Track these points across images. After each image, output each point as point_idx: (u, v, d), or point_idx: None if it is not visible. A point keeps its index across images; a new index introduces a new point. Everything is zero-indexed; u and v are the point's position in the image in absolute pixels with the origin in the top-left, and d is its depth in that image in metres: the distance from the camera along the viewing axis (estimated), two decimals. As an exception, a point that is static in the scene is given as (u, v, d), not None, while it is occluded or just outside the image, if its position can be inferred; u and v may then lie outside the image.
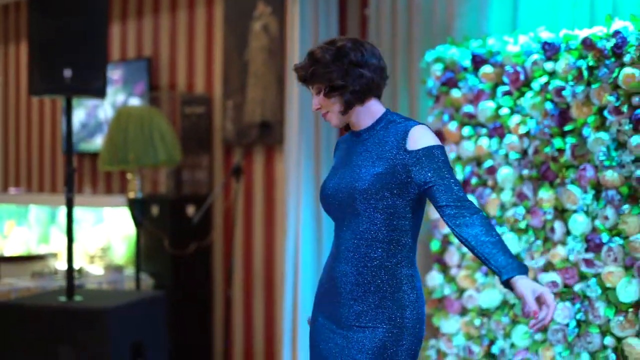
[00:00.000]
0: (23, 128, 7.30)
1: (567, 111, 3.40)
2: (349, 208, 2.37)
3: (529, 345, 3.53)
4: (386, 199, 2.33)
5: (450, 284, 3.83)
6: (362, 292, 2.37)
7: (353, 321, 2.38)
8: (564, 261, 3.40)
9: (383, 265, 2.36)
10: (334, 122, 2.43)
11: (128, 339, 4.22)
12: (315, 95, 2.41)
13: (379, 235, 2.35)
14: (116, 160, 4.76)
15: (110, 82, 6.02)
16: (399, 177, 2.33)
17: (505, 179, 3.61)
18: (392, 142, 2.36)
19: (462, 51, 3.80)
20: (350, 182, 2.38)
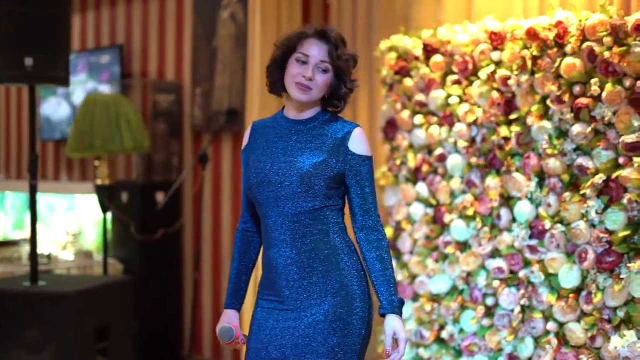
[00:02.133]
0: (2, 115, 7.36)
1: (512, 100, 3.46)
2: (285, 192, 2.42)
3: (477, 330, 3.60)
4: (323, 184, 2.41)
5: (402, 269, 3.90)
6: (307, 270, 2.42)
7: (303, 299, 2.42)
8: (509, 247, 3.47)
9: (322, 242, 2.42)
10: (305, 98, 2.43)
11: (92, 323, 4.28)
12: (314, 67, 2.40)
13: (314, 215, 2.42)
14: (82, 147, 4.81)
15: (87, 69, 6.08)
16: (335, 169, 2.43)
17: (454, 167, 3.68)
18: (334, 137, 2.45)
19: (415, 40, 3.85)
20: (290, 167, 2.43)
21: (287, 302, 2.44)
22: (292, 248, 2.43)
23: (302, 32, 2.45)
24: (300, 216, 2.41)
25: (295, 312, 2.43)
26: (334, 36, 2.44)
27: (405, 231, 3.89)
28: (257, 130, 2.59)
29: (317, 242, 2.42)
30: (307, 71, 2.40)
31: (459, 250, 3.66)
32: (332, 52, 2.42)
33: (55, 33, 4.15)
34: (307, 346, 2.39)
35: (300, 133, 2.48)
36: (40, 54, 4.10)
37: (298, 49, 2.43)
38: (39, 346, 4.17)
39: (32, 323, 4.16)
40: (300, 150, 2.46)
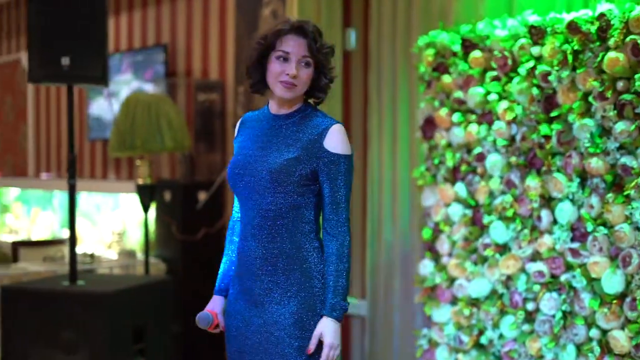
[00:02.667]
0: (53, 115, 7.45)
1: (553, 97, 3.32)
2: (256, 186, 2.43)
3: (517, 336, 3.47)
4: (295, 181, 2.41)
5: (441, 272, 3.78)
6: (271, 266, 2.43)
7: (264, 297, 2.44)
8: (550, 250, 3.33)
9: (288, 239, 2.43)
10: (290, 95, 2.42)
11: (129, 324, 4.27)
12: (297, 64, 2.39)
13: (283, 213, 2.42)
14: (124, 147, 4.81)
15: (132, 68, 6.09)
16: (309, 166, 2.41)
17: (493, 166, 3.55)
18: (310, 133, 2.43)
19: (453, 36, 3.73)
20: (262, 163, 2.44)
21: (253, 296, 2.46)
22: (259, 243, 2.44)
23: (279, 29, 2.41)
24: (269, 212, 2.42)
25: (260, 308, 2.45)
26: (311, 30, 2.42)
27: (443, 233, 3.78)
28: (245, 123, 2.61)
29: (283, 241, 2.43)
30: (290, 69, 2.38)
31: (498, 253, 3.53)
32: (312, 45, 2.40)
33: (92, 32, 4.14)
34: (272, 344, 2.42)
35: (280, 128, 2.47)
36: (77, 53, 4.10)
37: (277, 46, 2.40)
38: (75, 346, 4.17)
39: (68, 323, 4.17)
40: (276, 145, 2.45)
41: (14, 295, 4.31)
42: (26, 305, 4.26)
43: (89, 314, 4.14)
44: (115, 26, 6.60)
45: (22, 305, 4.27)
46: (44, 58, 4.10)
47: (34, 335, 4.23)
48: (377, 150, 4.47)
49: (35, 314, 4.23)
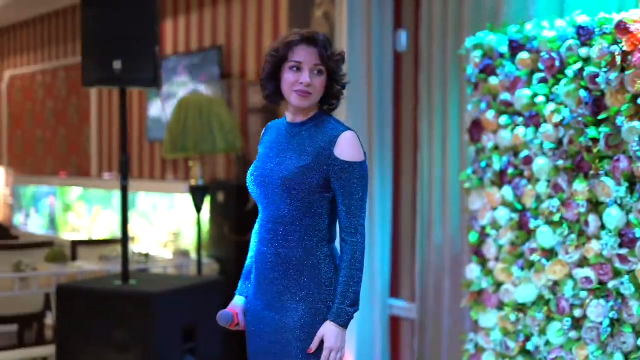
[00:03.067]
0: (115, 117, 7.61)
1: (601, 99, 3.23)
2: (271, 193, 2.48)
3: (564, 343, 3.40)
4: (306, 189, 2.45)
5: (487, 277, 3.73)
6: (283, 271, 2.50)
7: (277, 300, 2.50)
8: (598, 256, 3.25)
9: (300, 246, 2.48)
10: (305, 104, 2.48)
11: (179, 323, 4.33)
12: (309, 72, 2.45)
13: (297, 219, 2.47)
14: (176, 148, 4.89)
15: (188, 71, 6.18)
16: (320, 174, 2.46)
17: (540, 170, 3.47)
18: (322, 140, 2.47)
19: (501, 37, 3.67)
20: (276, 170, 2.49)
21: (267, 297, 2.53)
22: (272, 249, 2.51)
23: (290, 40, 2.47)
24: (282, 218, 2.48)
25: (272, 309, 2.52)
26: (321, 39, 2.48)
27: (490, 237, 3.72)
28: (268, 131, 2.68)
29: (296, 247, 2.48)
30: (304, 77, 2.44)
31: (545, 258, 3.46)
32: (323, 54, 2.46)
33: (143, 36, 4.23)
34: (280, 345, 2.49)
35: (295, 136, 2.52)
36: (129, 57, 4.19)
37: (290, 57, 2.46)
38: (126, 345, 4.25)
39: (120, 322, 4.25)
40: (290, 152, 2.50)
41: (68, 294, 4.42)
42: (80, 304, 4.36)
43: (139, 314, 4.22)
44: (173, 28, 6.70)
45: (76, 303, 4.37)
46: (97, 62, 4.21)
47: (87, 333, 4.33)
48: (428, 152, 4.44)
49: (89, 313, 4.33)
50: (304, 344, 2.46)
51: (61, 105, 8.72)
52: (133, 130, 7.25)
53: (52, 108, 8.94)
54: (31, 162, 9.39)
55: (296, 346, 2.46)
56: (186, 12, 6.53)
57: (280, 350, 2.50)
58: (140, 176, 7.12)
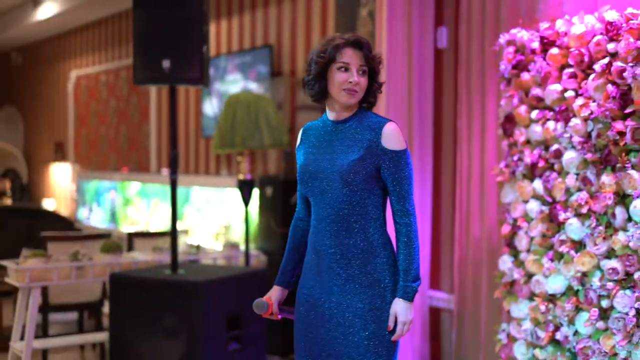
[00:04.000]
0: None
1: (628, 93, 3.29)
2: (329, 188, 2.67)
3: (592, 333, 3.46)
4: (361, 180, 2.65)
5: (519, 268, 3.81)
6: (346, 260, 2.68)
7: (341, 287, 2.68)
8: (624, 248, 3.30)
9: (362, 234, 2.67)
10: (353, 101, 2.70)
11: (224, 311, 4.51)
12: (356, 73, 2.67)
13: (355, 210, 2.67)
14: (225, 144, 5.07)
15: (239, 69, 6.37)
16: (372, 164, 2.67)
17: (569, 163, 3.54)
18: (369, 134, 2.68)
19: (532, 34, 3.75)
20: (331, 165, 2.68)
21: (329, 287, 2.70)
22: (334, 239, 2.68)
23: (337, 44, 2.67)
24: (342, 210, 2.66)
25: (335, 297, 2.69)
26: (365, 42, 2.70)
27: (522, 229, 3.80)
28: (308, 132, 2.86)
29: (356, 236, 2.67)
30: (352, 77, 2.65)
31: (574, 250, 3.53)
32: (367, 55, 2.69)
33: (191, 36, 4.41)
34: (347, 331, 2.66)
35: (341, 133, 2.72)
36: (177, 56, 4.38)
37: (338, 59, 2.66)
38: (174, 331, 4.45)
39: (169, 309, 4.45)
40: (340, 148, 2.70)
41: (121, 282, 4.63)
42: (132, 291, 4.57)
43: (186, 302, 4.40)
44: (228, 28, 6.90)
45: (128, 291, 4.58)
46: (146, 61, 4.41)
47: (138, 319, 4.53)
48: (467, 147, 4.53)
49: (140, 300, 4.53)
50: (369, 331, 2.65)
51: (123, 104, 9.04)
52: (190, 127, 7.49)
53: (114, 107, 9.27)
54: (95, 159, 9.74)
55: (360, 333, 2.65)
56: (239, 13, 6.73)
57: (341, 339, 2.67)
58: (196, 171, 7.35)
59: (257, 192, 5.70)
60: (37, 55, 11.65)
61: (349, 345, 2.67)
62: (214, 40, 7.07)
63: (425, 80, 4.77)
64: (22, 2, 10.01)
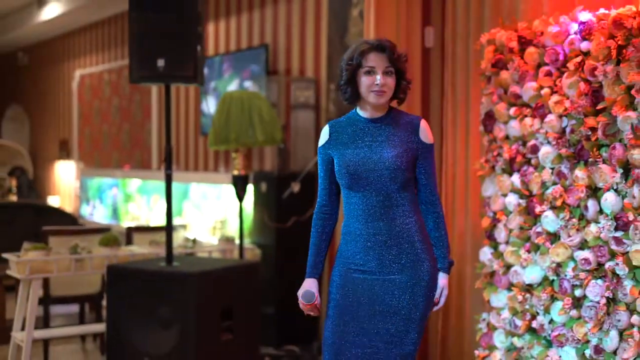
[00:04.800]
0: (174, 113, 8.02)
1: (599, 90, 3.43)
2: (376, 178, 2.93)
3: (566, 321, 3.60)
4: (403, 170, 2.93)
5: (498, 259, 3.95)
6: (388, 244, 2.95)
7: (384, 269, 2.95)
8: (596, 239, 3.44)
9: (400, 220, 2.95)
10: (382, 101, 2.94)
11: (217, 302, 4.64)
12: (382, 75, 2.90)
13: (400, 196, 2.95)
14: (220, 140, 5.21)
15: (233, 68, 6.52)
16: (411, 157, 2.96)
17: (545, 158, 3.68)
18: (407, 129, 2.97)
19: (511, 33, 3.88)
20: (377, 158, 2.94)
21: (372, 269, 2.97)
22: (377, 224, 2.95)
23: (362, 50, 2.91)
24: (386, 199, 2.94)
25: (379, 276, 2.96)
26: (388, 45, 2.93)
27: (501, 222, 3.94)
28: (337, 129, 3.07)
29: (396, 221, 2.94)
30: (378, 79, 2.89)
31: (549, 241, 3.66)
32: (391, 57, 2.92)
33: (184, 37, 4.55)
34: (389, 306, 2.94)
35: (378, 129, 2.98)
36: (171, 55, 4.52)
37: (364, 64, 2.89)
38: (169, 322, 4.59)
39: (163, 300, 4.59)
40: (382, 143, 2.96)
41: (117, 273, 4.78)
42: (128, 283, 4.71)
43: (180, 292, 4.55)
44: (226, 28, 7.05)
45: (124, 282, 4.72)
46: (142, 60, 4.55)
47: (135, 310, 4.67)
48: (452, 144, 4.67)
49: (136, 291, 4.68)
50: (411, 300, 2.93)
51: (125, 102, 9.20)
52: (189, 125, 7.65)
53: (117, 105, 9.43)
54: (98, 156, 9.91)
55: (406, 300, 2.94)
56: (237, 13, 6.88)
57: (387, 312, 2.95)
58: (195, 168, 7.51)
59: (251, 188, 5.84)
60: (42, 55, 11.84)
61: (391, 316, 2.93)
62: (212, 40, 7.22)
63: (413, 79, 4.89)
64: (27, 2, 10.18)
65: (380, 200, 2.95)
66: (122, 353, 4.72)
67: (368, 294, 2.97)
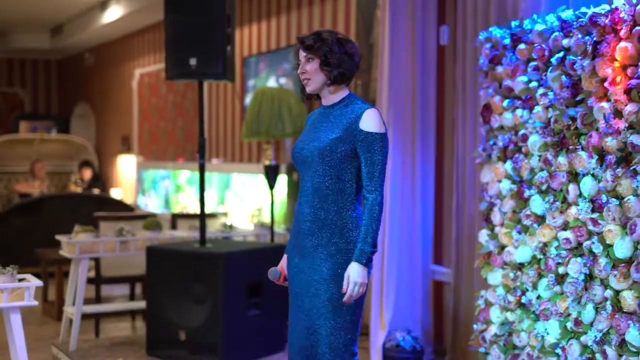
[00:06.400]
0: (222, 109, 8.50)
1: (578, 83, 3.73)
2: (310, 163, 3.04)
3: (551, 296, 3.90)
4: (337, 157, 3.00)
5: (494, 240, 4.27)
6: (317, 228, 3.03)
7: (312, 252, 3.04)
8: (576, 220, 3.74)
9: (332, 208, 3.02)
10: (310, 88, 3.08)
11: (245, 280, 5.07)
12: (305, 62, 3.05)
13: (329, 185, 3.02)
14: (252, 133, 5.64)
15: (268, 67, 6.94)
16: (349, 144, 3.00)
17: (533, 146, 3.99)
18: (350, 117, 3.02)
19: (505, 31, 4.20)
20: (313, 143, 3.05)
21: (303, 251, 3.08)
22: (310, 209, 3.05)
23: (295, 51, 3.11)
24: (319, 184, 3.02)
25: (307, 261, 3.06)
26: (305, 37, 3.05)
27: (496, 206, 4.26)
28: (309, 117, 3.26)
29: (329, 209, 3.01)
30: (301, 69, 3.06)
31: (536, 223, 3.97)
32: (308, 46, 3.02)
33: (215, 38, 5.00)
34: (315, 291, 3.03)
35: (328, 116, 3.10)
36: (202, 55, 4.97)
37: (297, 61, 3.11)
38: (201, 297, 5.04)
39: (197, 278, 5.05)
40: (324, 128, 3.07)
41: (155, 253, 5.27)
42: (165, 262, 5.19)
43: (210, 270, 5.00)
44: (267, 28, 7.48)
45: (161, 262, 5.21)
46: (176, 60, 5.02)
47: (171, 287, 5.15)
48: (462, 135, 4.99)
49: (172, 270, 5.15)
50: (329, 294, 2.99)
51: (179, 99, 9.73)
52: (236, 120, 8.11)
53: (172, 101, 9.98)
54: (156, 150, 10.48)
55: (322, 295, 3.00)
56: (277, 14, 7.31)
57: (308, 298, 3.04)
58: (240, 160, 7.97)
59: (285, 178, 6.26)
60: (106, 56, 12.50)
61: (314, 305, 3.02)
62: (247, 41, 7.67)
63: (429, 75, 5.24)
64: (91, 6, 10.82)
65: (312, 185, 3.02)
66: (160, 325, 5.20)
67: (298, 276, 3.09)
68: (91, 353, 5.34)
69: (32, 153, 11.30)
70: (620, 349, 3.45)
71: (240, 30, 7.93)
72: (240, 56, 7.84)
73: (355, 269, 2.94)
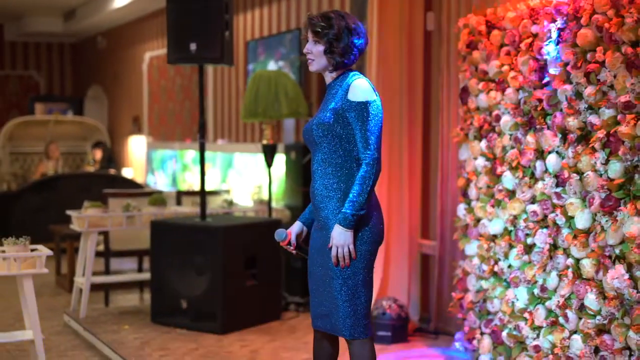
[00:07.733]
0: (227, 92, 8.81)
1: (544, 67, 4.01)
2: (315, 139, 3.16)
3: (520, 265, 4.21)
4: (335, 133, 3.10)
5: (470, 213, 4.58)
6: (327, 200, 3.15)
7: (323, 223, 3.17)
8: (542, 194, 4.04)
9: (338, 181, 3.12)
10: (312, 68, 3.19)
11: (242, 252, 5.40)
12: (311, 43, 3.13)
13: (333, 159, 3.12)
14: (250, 114, 5.95)
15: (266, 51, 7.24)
16: (343, 117, 3.10)
17: (505, 125, 4.29)
18: (341, 91, 3.13)
19: (480, 18, 4.49)
20: (314, 120, 3.17)
21: (319, 223, 3.21)
22: (317, 180, 3.18)
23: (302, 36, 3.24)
24: (323, 157, 3.14)
25: (323, 232, 3.18)
26: (315, 18, 3.14)
27: (472, 181, 4.56)
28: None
29: (337, 180, 3.11)
30: (306, 49, 3.18)
31: (508, 197, 4.27)
32: (314, 28, 3.12)
33: (213, 23, 5.29)
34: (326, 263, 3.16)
35: (328, 94, 3.22)
36: (202, 40, 5.27)
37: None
38: (202, 268, 5.38)
39: (198, 250, 5.38)
40: (324, 107, 3.19)
41: (158, 227, 5.61)
42: (167, 235, 5.53)
43: (209, 243, 5.33)
44: (268, 14, 7.78)
45: (164, 235, 5.55)
46: (177, 45, 5.32)
47: (173, 259, 5.50)
48: (447, 115, 5.29)
49: (174, 243, 5.49)
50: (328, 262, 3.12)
51: (186, 82, 10.05)
52: (239, 102, 8.43)
53: (180, 84, 10.30)
54: (165, 131, 10.82)
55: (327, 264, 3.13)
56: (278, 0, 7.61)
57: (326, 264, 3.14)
58: (244, 140, 8.29)
59: (283, 157, 6.57)
60: (118, 39, 12.83)
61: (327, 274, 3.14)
62: (249, 26, 7.95)
63: (416, 59, 5.53)
64: (102, -10, 11.15)
65: (318, 160, 3.13)
66: (163, 295, 5.55)
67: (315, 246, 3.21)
68: (100, 320, 5.70)
69: (47, 134, 11.65)
70: (580, 312, 3.76)
71: (244, 15, 8.22)
72: (244, 40, 8.13)
73: (336, 231, 3.04)
